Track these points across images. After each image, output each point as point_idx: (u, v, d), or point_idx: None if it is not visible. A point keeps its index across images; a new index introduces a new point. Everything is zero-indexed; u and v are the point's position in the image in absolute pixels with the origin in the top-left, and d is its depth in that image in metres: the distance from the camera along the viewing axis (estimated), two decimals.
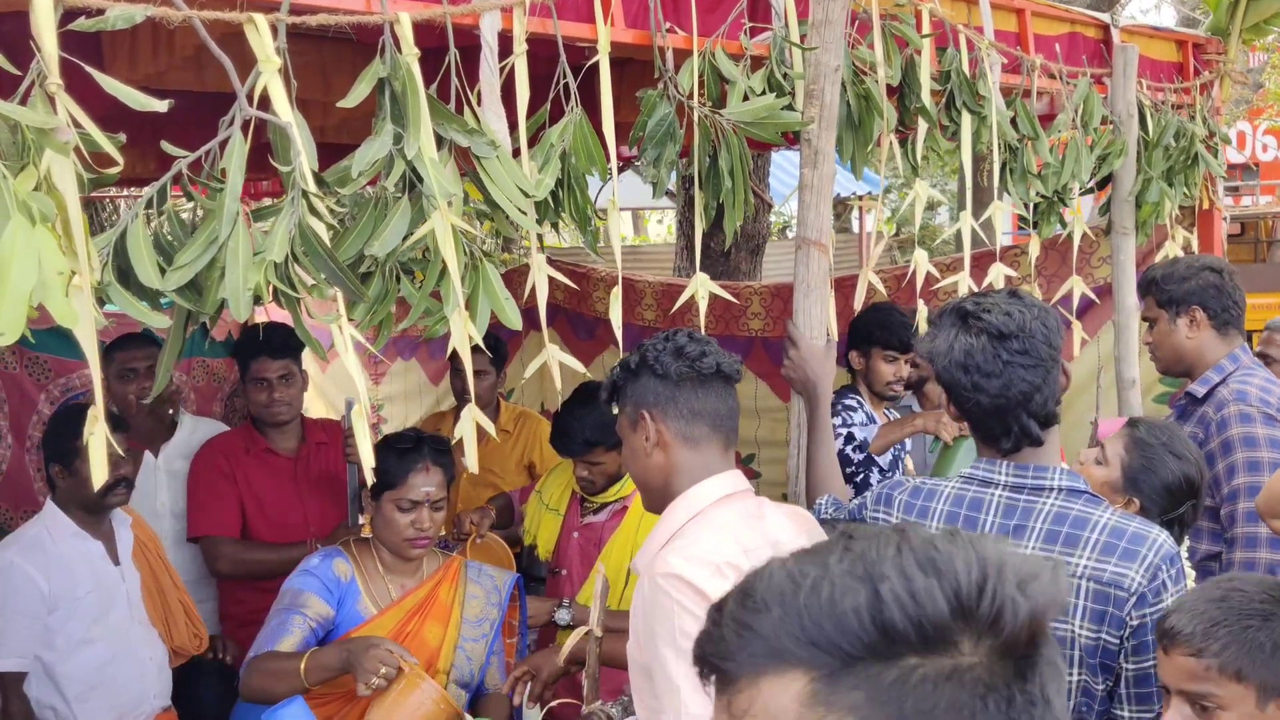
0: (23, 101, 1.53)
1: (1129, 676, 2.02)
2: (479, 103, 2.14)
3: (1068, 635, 2.02)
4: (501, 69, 2.16)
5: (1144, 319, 3.43)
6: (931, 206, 16.54)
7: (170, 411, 4.08)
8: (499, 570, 3.13)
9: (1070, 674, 2.03)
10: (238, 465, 3.84)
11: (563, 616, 3.32)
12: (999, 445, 2.16)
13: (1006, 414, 2.11)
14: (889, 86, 2.94)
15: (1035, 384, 2.10)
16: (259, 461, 3.87)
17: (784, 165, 13.31)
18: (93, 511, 3.28)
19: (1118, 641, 2.00)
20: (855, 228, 18.68)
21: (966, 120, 3.21)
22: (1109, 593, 1.99)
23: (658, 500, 2.18)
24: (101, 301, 1.69)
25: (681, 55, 2.52)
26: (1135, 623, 1.99)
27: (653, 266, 12.33)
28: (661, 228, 20.95)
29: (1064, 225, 3.86)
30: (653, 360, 2.15)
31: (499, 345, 4.53)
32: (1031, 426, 2.12)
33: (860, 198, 16.85)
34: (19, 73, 1.55)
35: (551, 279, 2.51)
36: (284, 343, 3.83)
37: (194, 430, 4.07)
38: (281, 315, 5.56)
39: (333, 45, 3.07)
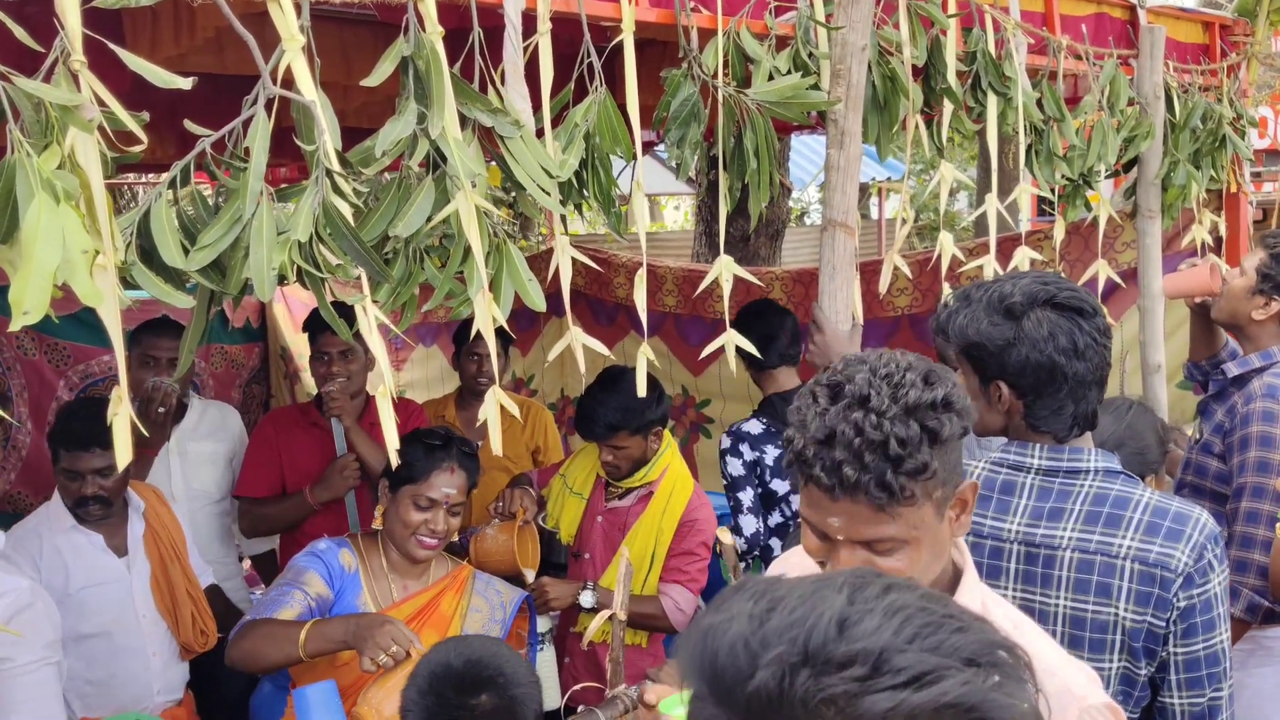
0: (46, 79, 1.51)
1: (1178, 662, 1.96)
2: (503, 83, 2.12)
3: (1110, 619, 1.97)
4: (525, 49, 2.14)
5: (1239, 267, 3.33)
6: (952, 192, 16.48)
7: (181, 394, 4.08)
8: (507, 587, 3.03)
9: (1110, 660, 1.99)
10: (284, 434, 3.94)
11: (587, 599, 3.31)
12: (1059, 432, 2.06)
13: (1084, 397, 2.04)
14: (914, 67, 2.91)
15: (1109, 362, 2.07)
16: (308, 434, 3.94)
17: (802, 150, 13.25)
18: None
19: (1164, 624, 1.95)
20: (874, 214, 18.60)
21: (992, 101, 3.17)
22: (1155, 574, 1.94)
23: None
24: (130, 285, 1.68)
25: (706, 35, 2.49)
26: (1183, 605, 1.94)
27: (670, 252, 12.31)
28: (679, 214, 20.92)
29: (1089, 209, 3.82)
30: (952, 428, 1.54)
31: (502, 331, 4.54)
32: (1096, 406, 2.07)
33: (879, 183, 16.78)
34: (44, 50, 1.53)
35: (573, 262, 2.48)
36: (350, 321, 3.86)
37: (203, 413, 4.10)
38: (305, 296, 5.56)
39: (354, 28, 3.06)
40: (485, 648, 2.16)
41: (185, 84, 1.57)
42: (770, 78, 2.50)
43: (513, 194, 2.13)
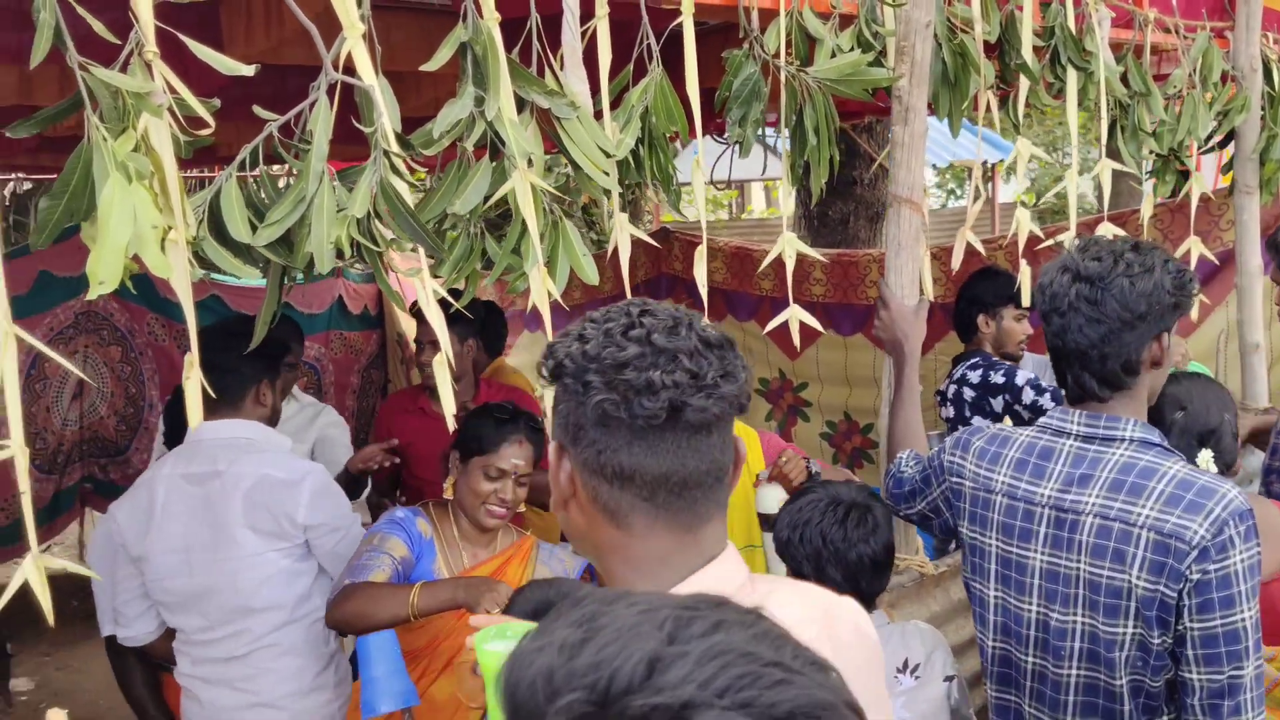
0: (122, 70, 1.65)
1: (1194, 636, 1.94)
2: (561, 67, 2.20)
3: (1124, 585, 1.97)
4: (584, 33, 2.22)
5: (1274, 281, 3.27)
6: (1081, 173, 16.03)
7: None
8: (570, 555, 3.10)
9: (1124, 626, 1.99)
10: (397, 419, 4.25)
11: None
12: (1070, 392, 2.13)
13: (1061, 359, 2.10)
14: (988, 43, 2.91)
15: (1092, 340, 2.03)
16: (414, 419, 4.16)
17: None
18: None
19: (1176, 595, 1.93)
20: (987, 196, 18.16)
21: (1072, 77, 3.14)
22: (1169, 544, 1.93)
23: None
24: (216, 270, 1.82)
25: (767, 16, 2.54)
26: (1196, 578, 1.91)
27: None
28: (791, 201, 20.78)
29: (1182, 183, 3.75)
30: (579, 376, 1.25)
31: (490, 317, 4.74)
32: (1086, 379, 2.07)
33: (992, 166, 16.40)
34: (121, 43, 1.67)
35: (643, 245, 2.54)
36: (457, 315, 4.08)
37: (296, 413, 4.21)
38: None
39: (436, 19, 3.17)
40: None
41: (248, 71, 1.69)
42: (833, 56, 2.54)
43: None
